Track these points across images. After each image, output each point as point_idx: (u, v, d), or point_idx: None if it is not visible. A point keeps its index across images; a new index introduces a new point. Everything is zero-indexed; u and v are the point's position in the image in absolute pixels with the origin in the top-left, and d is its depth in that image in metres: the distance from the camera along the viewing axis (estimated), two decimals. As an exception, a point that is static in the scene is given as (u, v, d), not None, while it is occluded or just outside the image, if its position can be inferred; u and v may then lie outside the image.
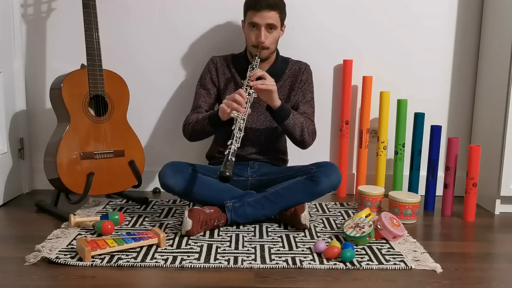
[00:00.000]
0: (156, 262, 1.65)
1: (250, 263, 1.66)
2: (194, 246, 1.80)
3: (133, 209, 2.26)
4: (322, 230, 2.01)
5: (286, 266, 1.65)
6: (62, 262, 1.63)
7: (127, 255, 1.69)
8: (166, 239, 1.83)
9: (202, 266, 1.64)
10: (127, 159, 2.25)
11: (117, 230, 1.95)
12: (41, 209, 2.24)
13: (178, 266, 1.64)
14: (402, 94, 2.53)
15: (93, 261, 1.64)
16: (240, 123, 1.86)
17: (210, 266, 1.64)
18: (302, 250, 1.78)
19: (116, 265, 1.63)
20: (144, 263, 1.64)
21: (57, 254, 1.69)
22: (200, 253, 1.74)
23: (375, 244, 1.86)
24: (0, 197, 2.30)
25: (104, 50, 2.21)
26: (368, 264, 1.68)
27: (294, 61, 2.27)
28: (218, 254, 1.73)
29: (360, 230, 1.84)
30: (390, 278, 1.59)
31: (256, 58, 2.08)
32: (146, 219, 2.11)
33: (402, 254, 1.76)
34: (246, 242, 1.85)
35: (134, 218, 2.12)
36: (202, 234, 1.92)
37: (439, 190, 2.45)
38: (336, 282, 1.56)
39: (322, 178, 1.99)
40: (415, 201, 2.16)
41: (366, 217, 1.95)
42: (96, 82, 2.15)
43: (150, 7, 2.48)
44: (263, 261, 1.68)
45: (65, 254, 1.69)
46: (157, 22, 2.49)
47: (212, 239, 1.87)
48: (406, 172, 2.52)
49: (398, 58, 2.56)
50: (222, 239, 1.87)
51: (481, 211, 2.36)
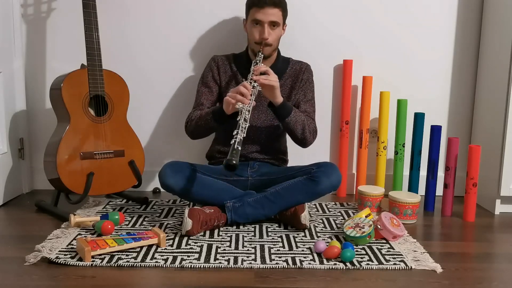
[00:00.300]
0: (156, 262, 1.65)
1: (250, 263, 1.66)
2: (194, 246, 1.80)
3: (133, 209, 2.26)
4: (322, 230, 2.01)
5: (286, 266, 1.65)
6: (62, 262, 1.63)
7: (127, 255, 1.69)
8: (166, 239, 1.83)
9: (202, 266, 1.64)
10: (127, 159, 2.25)
11: (117, 230, 1.95)
12: (41, 209, 2.24)
13: (178, 266, 1.64)
14: (402, 94, 2.53)
15: (93, 261, 1.64)
16: (245, 114, 1.85)
17: (210, 266, 1.64)
18: (302, 250, 1.78)
19: (116, 265, 1.63)
20: (144, 263, 1.64)
21: (57, 254, 1.69)
22: (200, 253, 1.74)
23: (375, 244, 1.86)
24: (0, 197, 2.30)
25: (104, 50, 2.21)
26: (368, 264, 1.68)
27: (295, 61, 2.27)
28: (218, 254, 1.73)
29: (360, 230, 1.84)
30: (390, 278, 1.59)
31: (259, 53, 2.09)
32: (146, 219, 2.11)
33: (402, 254, 1.76)
34: (246, 242, 1.85)
35: (134, 218, 2.12)
36: (202, 234, 1.92)
37: (439, 190, 2.45)
38: (336, 282, 1.56)
39: (322, 178, 1.99)
40: (415, 201, 2.16)
41: (366, 217, 1.95)
42: (96, 82, 2.15)
43: (150, 7, 2.48)
44: (263, 261, 1.68)
45: (65, 254, 1.69)
46: (157, 22, 2.49)
47: (212, 239, 1.87)
48: (406, 172, 2.52)
49: (398, 58, 2.56)
50: (222, 239, 1.87)
51: (481, 211, 2.36)
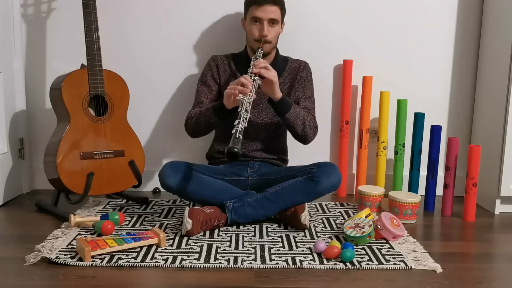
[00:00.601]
0: (156, 262, 1.65)
1: (250, 263, 1.66)
2: (194, 246, 1.80)
3: (133, 209, 2.26)
4: (322, 230, 2.01)
5: (286, 266, 1.65)
6: (62, 262, 1.63)
7: (127, 255, 1.69)
8: (166, 239, 1.83)
9: (202, 266, 1.64)
10: (127, 159, 2.25)
11: (117, 230, 1.95)
12: (41, 209, 2.24)
13: (178, 266, 1.64)
14: (402, 94, 2.53)
15: (93, 261, 1.64)
16: (246, 105, 1.85)
17: (210, 266, 1.64)
18: (302, 250, 1.78)
19: (116, 265, 1.63)
20: (144, 263, 1.64)
21: (57, 254, 1.69)
22: (200, 253, 1.74)
23: (375, 244, 1.86)
24: (0, 197, 2.30)
25: (104, 50, 2.21)
26: (368, 264, 1.68)
27: (293, 59, 2.28)
28: (218, 254, 1.73)
29: (360, 230, 1.84)
30: (390, 278, 1.59)
31: (259, 50, 2.09)
32: (146, 219, 2.11)
33: (402, 254, 1.76)
34: (246, 242, 1.85)
35: (134, 218, 2.12)
36: (202, 234, 1.92)
37: (439, 190, 2.45)
38: (336, 282, 1.56)
39: (322, 178, 1.99)
40: (415, 201, 2.16)
41: (366, 217, 1.95)
42: (96, 82, 2.15)
43: (150, 7, 2.48)
44: (263, 261, 1.68)
45: (65, 254, 1.69)
46: (157, 22, 2.49)
47: (212, 239, 1.87)
48: (406, 172, 2.52)
49: (398, 58, 2.56)
50: (222, 239, 1.87)
51: (481, 211, 2.36)
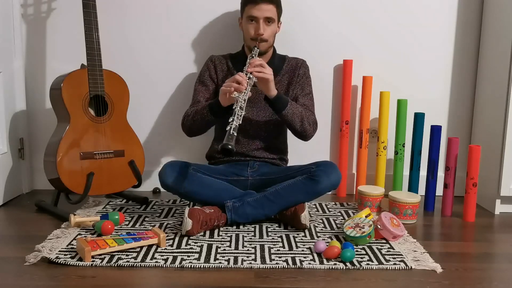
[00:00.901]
0: (156, 262, 1.65)
1: (250, 263, 1.66)
2: (194, 246, 1.80)
3: (133, 209, 2.26)
4: (322, 230, 2.01)
5: (286, 266, 1.65)
6: (62, 262, 1.63)
7: (127, 255, 1.69)
8: (166, 239, 1.83)
9: (202, 266, 1.64)
10: (127, 159, 2.25)
11: (117, 230, 1.95)
12: (41, 209, 2.24)
13: (178, 266, 1.64)
14: (402, 94, 2.53)
15: (93, 261, 1.64)
16: (241, 103, 1.86)
17: (210, 266, 1.64)
18: (302, 250, 1.78)
19: (116, 265, 1.63)
20: (144, 263, 1.64)
21: (57, 254, 1.69)
22: (200, 253, 1.74)
23: (375, 244, 1.86)
24: (0, 197, 2.30)
25: (104, 50, 2.21)
26: (368, 264, 1.68)
27: (291, 57, 2.28)
28: (218, 254, 1.73)
29: (360, 230, 1.84)
30: (390, 278, 1.59)
31: (255, 48, 2.09)
32: (146, 219, 2.11)
33: (402, 254, 1.76)
34: (246, 242, 1.85)
35: (134, 218, 2.12)
36: (202, 234, 1.92)
37: (439, 190, 2.45)
38: (336, 282, 1.56)
39: (322, 177, 1.99)
40: (415, 201, 2.16)
41: (366, 217, 1.95)
42: (96, 82, 2.15)
43: (150, 7, 2.48)
44: (263, 261, 1.68)
45: (65, 254, 1.69)
46: (157, 22, 2.49)
47: (212, 239, 1.87)
48: (406, 172, 2.52)
49: (398, 58, 2.56)
50: (222, 239, 1.87)
51: (481, 211, 2.36)
